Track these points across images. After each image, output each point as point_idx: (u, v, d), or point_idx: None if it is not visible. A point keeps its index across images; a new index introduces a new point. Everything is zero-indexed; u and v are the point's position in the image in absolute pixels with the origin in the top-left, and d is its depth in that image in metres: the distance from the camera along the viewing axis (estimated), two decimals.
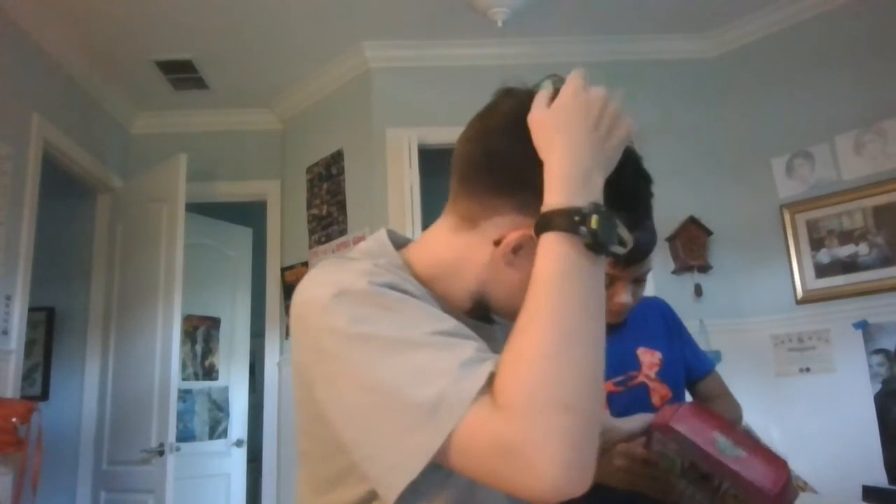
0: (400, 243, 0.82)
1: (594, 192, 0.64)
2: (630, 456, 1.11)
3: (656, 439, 1.06)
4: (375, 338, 0.61)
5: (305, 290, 0.69)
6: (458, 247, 0.76)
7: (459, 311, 0.77)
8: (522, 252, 0.71)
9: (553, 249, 0.62)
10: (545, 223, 0.63)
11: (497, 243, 0.71)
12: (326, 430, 0.66)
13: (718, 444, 0.97)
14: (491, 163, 0.72)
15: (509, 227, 0.71)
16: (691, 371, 1.45)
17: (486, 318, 0.83)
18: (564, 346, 0.57)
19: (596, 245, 0.62)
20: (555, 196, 0.64)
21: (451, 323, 0.64)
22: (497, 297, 0.76)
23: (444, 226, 0.78)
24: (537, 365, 0.56)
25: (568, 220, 0.62)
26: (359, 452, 0.62)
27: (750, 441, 0.99)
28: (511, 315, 0.72)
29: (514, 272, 0.72)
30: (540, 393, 0.55)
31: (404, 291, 0.67)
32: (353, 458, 0.63)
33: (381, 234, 0.80)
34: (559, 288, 0.61)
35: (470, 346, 0.61)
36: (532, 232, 0.68)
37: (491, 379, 0.58)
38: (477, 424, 0.56)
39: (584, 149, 0.66)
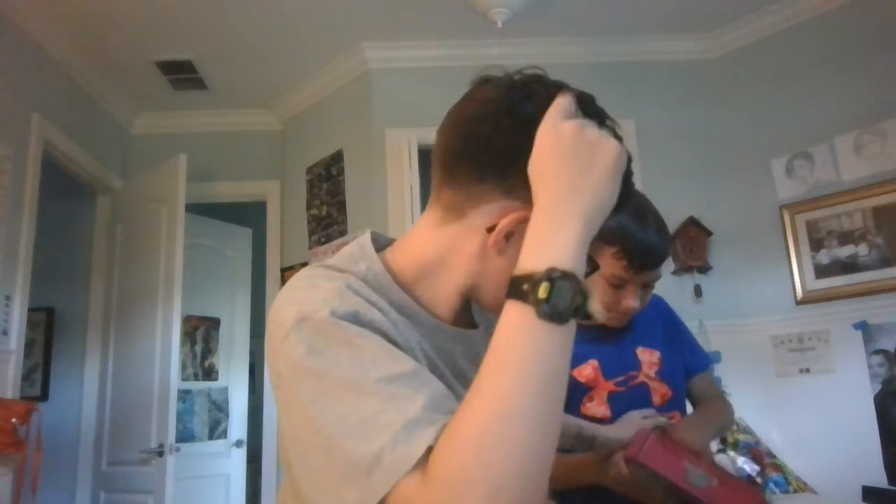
0: (385, 244, 0.81)
1: (557, 251, 0.59)
2: (619, 475, 1.13)
3: (632, 468, 1.08)
4: (327, 377, 0.61)
5: (276, 307, 0.69)
6: (444, 240, 0.74)
7: (444, 315, 0.76)
8: (514, 239, 0.70)
9: (506, 318, 0.59)
10: (508, 289, 0.60)
11: (490, 230, 0.70)
12: None
13: (689, 474, 0.98)
14: (473, 150, 0.71)
15: (499, 213, 0.70)
16: (687, 367, 1.45)
17: (470, 321, 0.82)
18: (499, 426, 0.54)
19: (546, 315, 0.57)
20: (520, 259, 0.61)
21: (407, 366, 0.62)
22: (486, 289, 0.74)
23: (427, 220, 0.77)
24: (467, 443, 0.54)
25: (518, 288, 0.59)
26: (303, 489, 0.63)
27: (719, 470, 1.01)
28: (498, 308, 0.71)
29: (504, 260, 0.70)
30: (466, 473, 0.53)
31: (368, 322, 0.65)
32: (302, 490, 0.64)
33: (365, 238, 0.79)
34: (504, 362, 0.57)
35: (420, 398, 0.59)
36: (522, 214, 0.67)
37: (431, 448, 0.56)
38: (407, 495, 0.55)
39: (555, 196, 0.62)
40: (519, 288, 0.59)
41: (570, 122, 0.64)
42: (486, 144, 0.70)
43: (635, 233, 1.24)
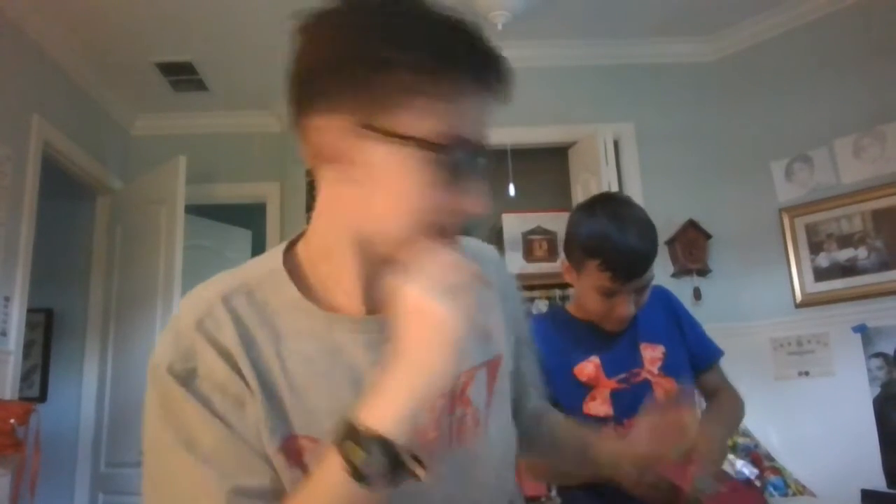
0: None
1: (387, 416, 0.57)
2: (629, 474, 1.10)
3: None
4: (154, 448, 0.66)
5: (163, 331, 0.72)
6: (321, 198, 0.69)
7: (350, 296, 0.70)
8: (357, 159, 0.64)
9: (327, 458, 0.59)
10: (337, 428, 0.59)
11: (321, 161, 0.66)
12: None
13: (697, 480, 0.98)
14: (288, 88, 0.68)
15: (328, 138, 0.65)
16: (696, 360, 1.43)
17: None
18: None
19: (354, 476, 0.56)
20: (364, 405, 0.59)
21: (210, 439, 0.63)
22: (367, 232, 0.66)
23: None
24: None
25: (342, 432, 0.58)
26: None
27: (727, 477, 1.01)
28: (398, 254, 0.66)
29: (361, 190, 0.65)
30: None
31: (205, 377, 0.65)
32: None
33: (288, 240, 0.76)
34: (311, 496, 0.60)
35: (224, 486, 0.61)
36: (341, 123, 0.63)
37: None
38: None
39: (396, 363, 0.60)
40: (344, 434, 0.57)
41: (414, 288, 0.59)
42: (289, 76, 0.68)
43: (616, 242, 1.23)
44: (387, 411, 0.57)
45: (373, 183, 0.64)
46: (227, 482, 0.61)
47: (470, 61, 0.63)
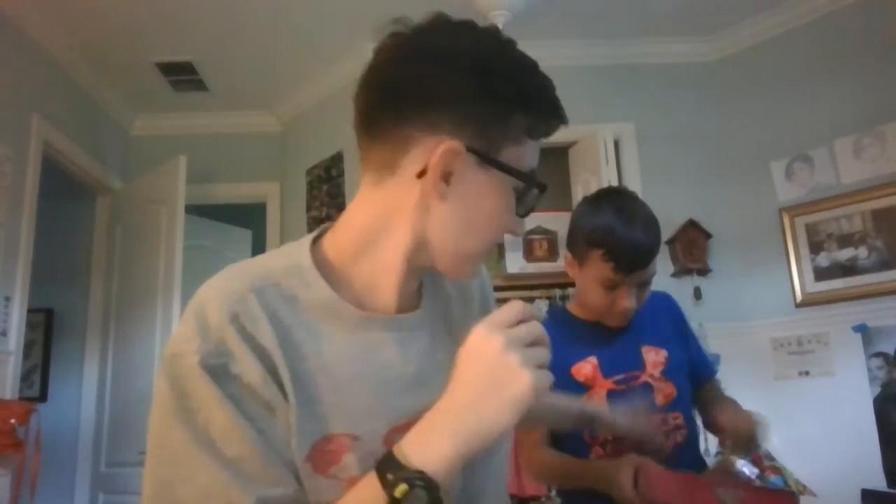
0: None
1: (435, 457, 0.57)
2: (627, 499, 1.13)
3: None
4: (164, 445, 0.62)
5: (182, 319, 0.67)
6: (381, 201, 0.70)
7: (387, 296, 0.71)
8: (456, 179, 0.66)
9: (364, 486, 0.59)
10: (380, 458, 0.59)
11: (421, 175, 0.66)
12: None
13: (720, 495, 0.98)
14: (387, 96, 0.68)
15: (429, 154, 0.65)
16: (696, 370, 1.43)
17: (423, 291, 0.78)
18: None
19: None
20: (407, 438, 0.59)
21: (237, 443, 0.61)
22: (438, 246, 0.69)
23: (363, 188, 0.72)
24: None
25: (387, 464, 0.58)
26: None
27: (745, 484, 1.01)
28: (456, 267, 0.72)
29: (451, 206, 0.67)
30: None
31: (235, 377, 0.62)
32: None
33: (310, 236, 0.75)
34: None
35: (249, 497, 0.60)
36: (452, 146, 0.64)
37: None
38: None
39: (454, 405, 0.59)
40: (388, 464, 0.57)
41: (499, 338, 0.59)
42: (398, 85, 0.67)
43: (620, 234, 1.24)
44: (436, 451, 0.57)
45: (464, 202, 0.68)
46: (252, 491, 0.59)
47: (562, 112, 0.71)
